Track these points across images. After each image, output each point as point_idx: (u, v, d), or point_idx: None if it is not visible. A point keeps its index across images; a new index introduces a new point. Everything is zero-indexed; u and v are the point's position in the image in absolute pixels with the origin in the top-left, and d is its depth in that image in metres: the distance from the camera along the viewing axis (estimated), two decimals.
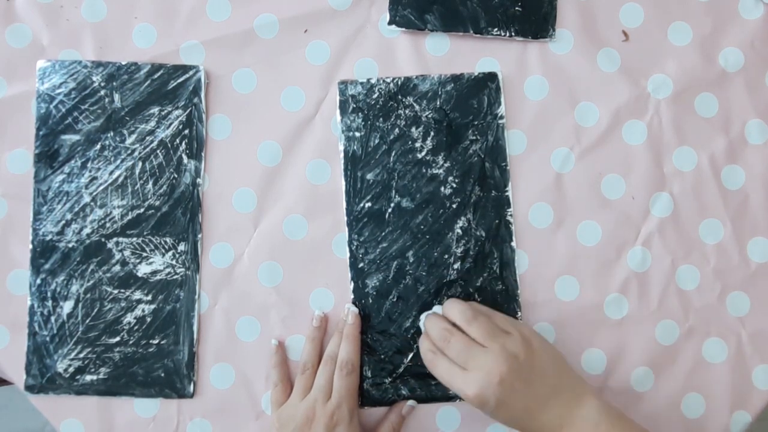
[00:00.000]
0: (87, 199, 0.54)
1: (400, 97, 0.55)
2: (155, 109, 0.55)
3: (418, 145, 0.55)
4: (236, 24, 0.56)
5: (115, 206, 0.54)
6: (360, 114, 0.55)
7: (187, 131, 0.55)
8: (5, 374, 0.54)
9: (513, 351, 0.46)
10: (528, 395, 0.45)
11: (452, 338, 0.47)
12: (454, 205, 0.55)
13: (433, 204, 0.55)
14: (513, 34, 0.56)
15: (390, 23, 0.56)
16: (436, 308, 0.52)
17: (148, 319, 0.54)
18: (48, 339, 0.53)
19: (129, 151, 0.54)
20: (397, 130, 0.55)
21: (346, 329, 0.53)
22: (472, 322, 0.47)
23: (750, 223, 0.56)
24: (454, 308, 0.49)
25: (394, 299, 0.54)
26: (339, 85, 0.55)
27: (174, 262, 0.54)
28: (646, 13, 0.57)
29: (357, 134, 0.55)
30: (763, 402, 0.55)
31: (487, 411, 0.46)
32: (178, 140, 0.55)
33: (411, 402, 0.53)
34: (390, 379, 0.54)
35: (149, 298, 0.54)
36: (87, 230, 0.54)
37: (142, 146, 0.54)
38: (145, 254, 0.54)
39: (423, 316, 0.52)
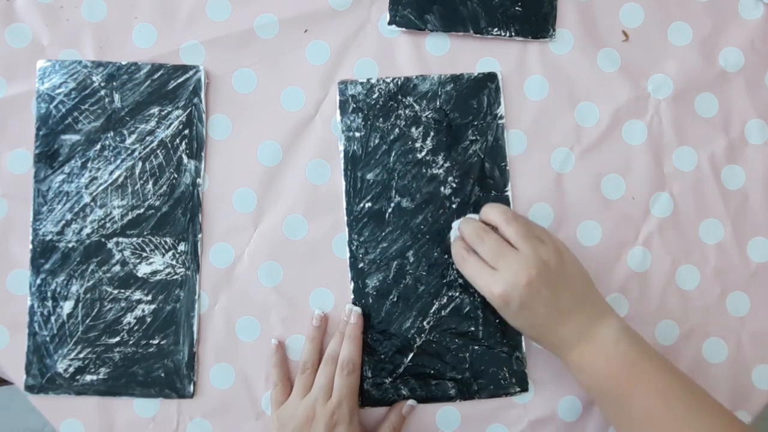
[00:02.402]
0: (87, 199, 0.54)
1: (400, 97, 0.55)
2: (155, 109, 0.55)
3: (418, 145, 0.55)
4: (236, 24, 0.56)
5: (115, 206, 0.54)
6: (360, 114, 0.55)
7: (187, 131, 0.55)
8: (5, 374, 0.54)
9: (544, 257, 0.46)
10: (552, 304, 0.45)
11: (486, 236, 0.48)
12: (454, 205, 0.55)
13: (433, 204, 0.55)
14: (513, 34, 0.56)
15: (390, 23, 0.56)
16: (471, 215, 0.52)
17: (148, 319, 0.54)
18: (48, 339, 0.53)
19: (129, 151, 0.54)
20: (397, 130, 0.55)
21: (348, 329, 0.53)
22: (511, 222, 0.47)
23: (750, 223, 0.56)
24: (493, 209, 0.49)
25: (395, 299, 0.54)
26: (339, 85, 0.56)
27: (174, 262, 0.54)
28: (646, 13, 0.57)
29: (357, 134, 0.55)
30: (763, 402, 0.55)
31: (510, 313, 0.46)
32: (178, 140, 0.55)
33: (411, 402, 0.53)
34: (390, 379, 0.54)
35: (149, 298, 0.54)
36: (87, 230, 0.54)
37: (142, 146, 0.54)
38: (145, 254, 0.54)
39: (456, 223, 0.53)
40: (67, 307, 0.53)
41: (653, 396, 0.44)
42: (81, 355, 0.53)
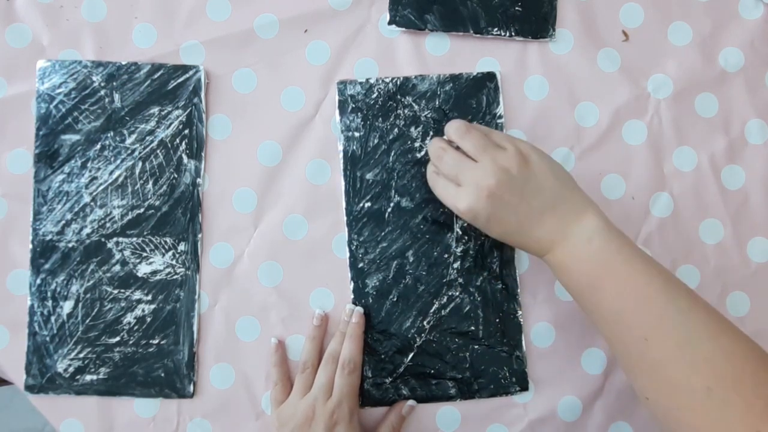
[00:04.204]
0: (87, 199, 0.54)
1: (399, 96, 0.55)
2: (155, 109, 0.55)
3: (417, 144, 0.55)
4: (236, 24, 0.56)
5: (115, 206, 0.54)
6: (359, 114, 0.55)
7: (187, 131, 0.55)
8: (5, 374, 0.54)
9: (504, 165, 0.45)
10: (521, 209, 0.45)
11: (444, 154, 0.47)
12: None
13: (432, 203, 0.55)
14: (513, 34, 0.56)
15: (390, 23, 0.56)
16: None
17: (148, 319, 0.54)
18: (48, 339, 0.53)
19: (129, 151, 0.54)
20: (396, 129, 0.55)
21: (349, 328, 0.53)
22: (464, 135, 0.47)
23: (750, 223, 0.56)
24: (450, 125, 0.48)
25: (394, 299, 0.54)
26: (338, 85, 0.56)
27: (174, 262, 0.54)
28: (646, 13, 0.57)
29: (356, 134, 0.55)
30: None
31: (480, 225, 0.46)
32: (178, 140, 0.55)
33: (411, 402, 0.53)
34: (390, 379, 0.54)
35: (149, 298, 0.54)
36: (87, 230, 0.54)
37: (142, 146, 0.54)
38: (145, 254, 0.54)
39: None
40: (67, 307, 0.53)
41: (625, 296, 0.42)
42: (81, 355, 0.53)
